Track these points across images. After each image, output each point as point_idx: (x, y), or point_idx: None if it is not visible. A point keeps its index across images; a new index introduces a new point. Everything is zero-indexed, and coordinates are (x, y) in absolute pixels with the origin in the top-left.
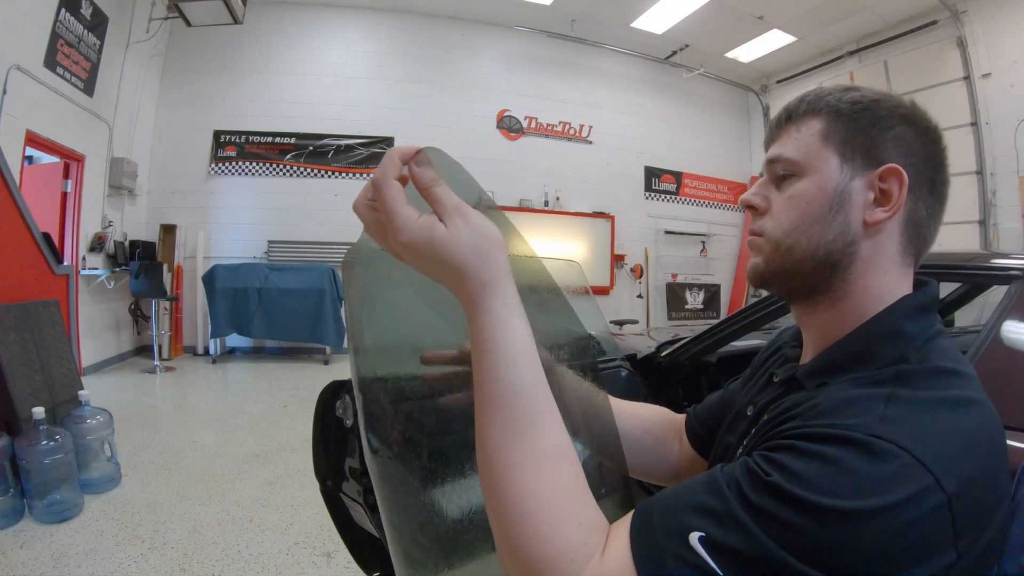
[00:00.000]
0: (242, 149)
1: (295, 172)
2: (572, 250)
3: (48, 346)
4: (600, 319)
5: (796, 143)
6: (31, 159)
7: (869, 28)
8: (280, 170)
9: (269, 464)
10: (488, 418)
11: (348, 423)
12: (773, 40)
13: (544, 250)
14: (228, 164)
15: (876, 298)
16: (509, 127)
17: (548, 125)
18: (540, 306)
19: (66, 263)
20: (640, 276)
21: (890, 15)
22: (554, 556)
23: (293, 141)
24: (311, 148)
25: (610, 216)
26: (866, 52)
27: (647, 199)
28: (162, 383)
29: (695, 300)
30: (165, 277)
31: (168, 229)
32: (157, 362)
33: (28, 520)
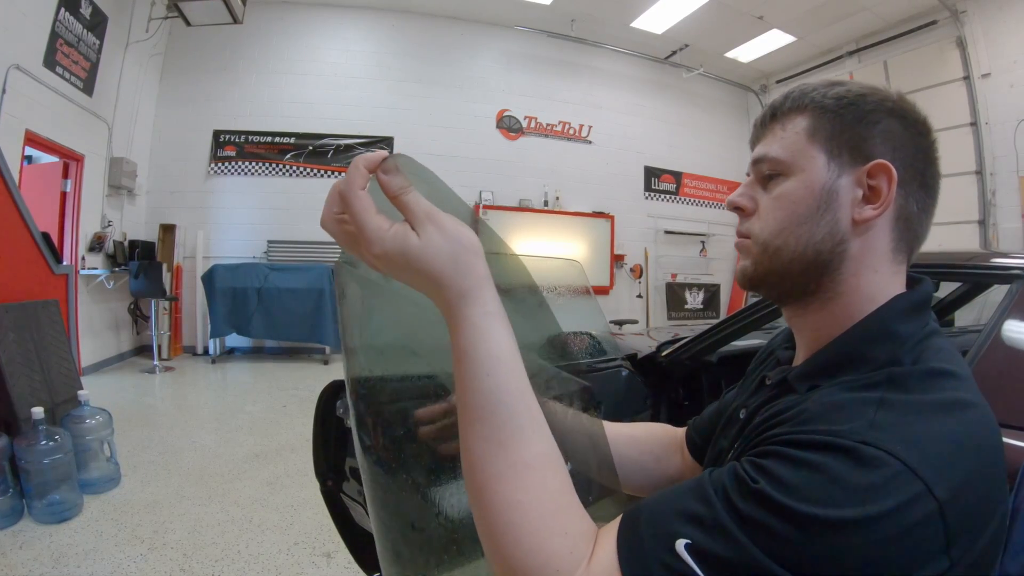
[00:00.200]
0: (242, 149)
1: (295, 172)
2: (572, 250)
3: (47, 346)
4: (600, 319)
5: (782, 142)
6: (30, 159)
7: (869, 28)
8: (280, 170)
9: (269, 464)
10: (470, 428)
11: (348, 423)
12: (773, 40)
13: (544, 250)
14: (228, 164)
15: (868, 297)
16: (509, 127)
17: (548, 125)
18: (516, 309)
19: (65, 263)
20: (640, 276)
21: (890, 15)
22: (540, 566)
23: (293, 141)
24: (311, 148)
25: (610, 216)
26: (866, 52)
27: (647, 199)
28: (161, 383)
29: (695, 300)
30: (164, 277)
31: (167, 229)
32: (156, 362)
33: (27, 520)
